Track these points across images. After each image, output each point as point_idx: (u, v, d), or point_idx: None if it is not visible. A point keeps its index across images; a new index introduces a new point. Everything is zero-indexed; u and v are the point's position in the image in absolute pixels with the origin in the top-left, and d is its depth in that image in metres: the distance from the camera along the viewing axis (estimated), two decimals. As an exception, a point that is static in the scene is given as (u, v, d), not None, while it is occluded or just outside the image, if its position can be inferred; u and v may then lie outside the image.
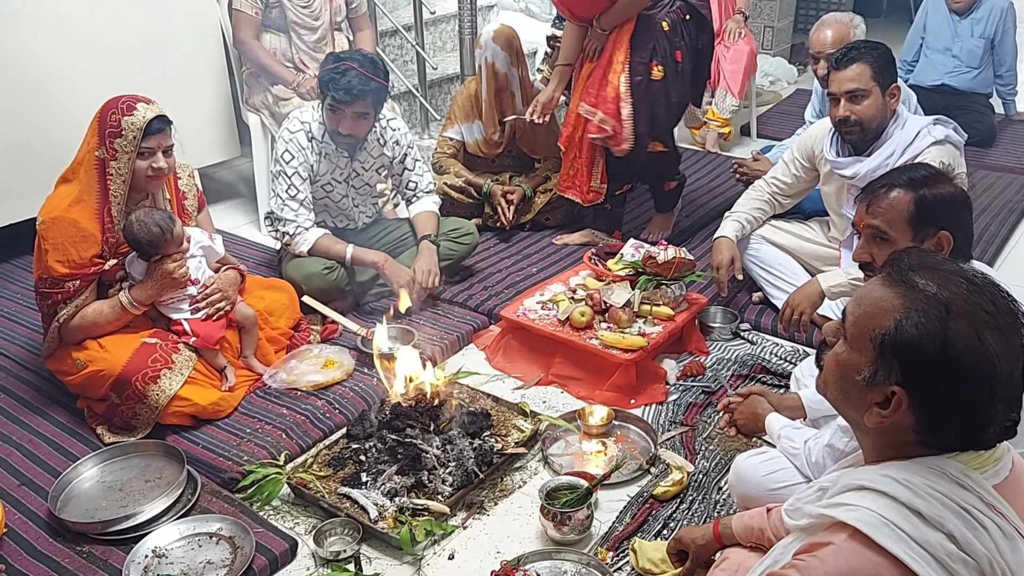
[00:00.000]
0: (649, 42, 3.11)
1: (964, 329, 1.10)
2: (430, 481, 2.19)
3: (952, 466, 1.16)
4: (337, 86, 2.82)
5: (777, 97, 5.79)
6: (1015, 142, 4.80)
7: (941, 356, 1.10)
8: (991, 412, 1.13)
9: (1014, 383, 1.13)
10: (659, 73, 3.14)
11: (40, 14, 3.26)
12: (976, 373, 1.10)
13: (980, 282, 1.15)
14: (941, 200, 1.85)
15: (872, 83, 2.57)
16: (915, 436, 1.17)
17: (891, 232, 1.87)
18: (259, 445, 2.38)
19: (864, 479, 1.18)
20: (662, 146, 3.31)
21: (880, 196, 1.89)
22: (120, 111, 2.38)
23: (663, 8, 3.11)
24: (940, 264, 1.19)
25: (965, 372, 1.10)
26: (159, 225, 2.43)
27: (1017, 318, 1.14)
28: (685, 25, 3.15)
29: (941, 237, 1.85)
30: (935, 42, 4.85)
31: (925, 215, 1.85)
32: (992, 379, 1.11)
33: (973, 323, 1.10)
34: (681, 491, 2.23)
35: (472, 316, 3.09)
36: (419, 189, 3.21)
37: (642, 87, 3.17)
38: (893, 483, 1.14)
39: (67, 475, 2.25)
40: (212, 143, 3.94)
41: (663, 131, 3.29)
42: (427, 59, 4.31)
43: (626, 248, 2.96)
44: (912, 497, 1.12)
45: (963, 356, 1.10)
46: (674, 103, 3.27)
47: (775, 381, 2.71)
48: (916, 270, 1.17)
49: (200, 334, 2.53)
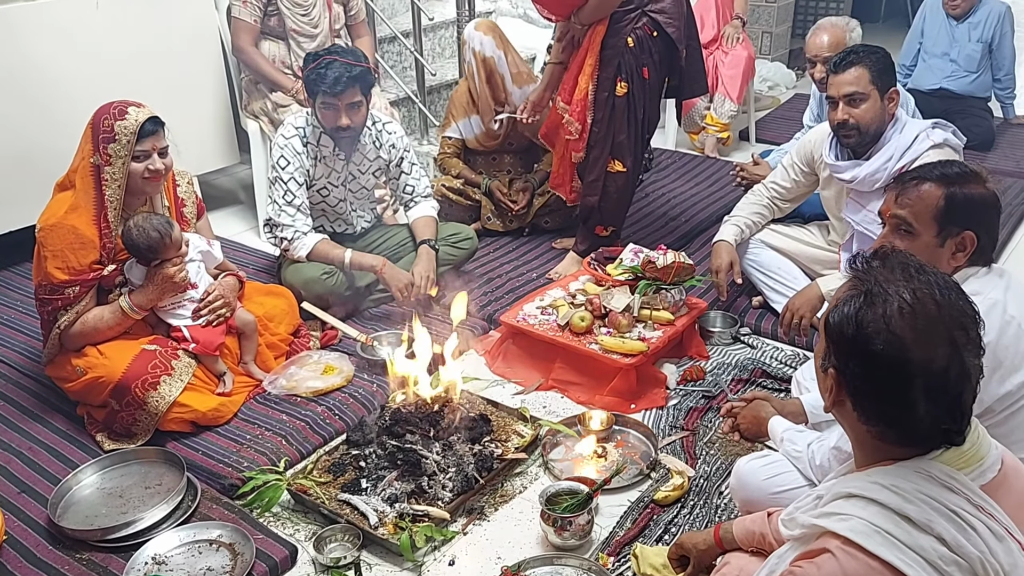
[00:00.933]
0: (614, 58, 3.05)
1: (876, 315, 1.16)
2: (430, 487, 2.18)
3: (938, 468, 1.18)
4: (325, 80, 2.83)
5: (776, 102, 5.80)
6: (1013, 146, 4.80)
7: (854, 337, 1.18)
8: (909, 398, 1.16)
9: (936, 378, 1.15)
10: (622, 89, 3.08)
11: (40, 22, 3.27)
12: (886, 360, 1.15)
13: (927, 278, 1.19)
14: (971, 200, 1.82)
15: (871, 87, 2.57)
16: (862, 427, 1.22)
17: (916, 225, 1.84)
18: (259, 451, 2.38)
19: (853, 487, 1.20)
20: (621, 165, 3.21)
21: (911, 187, 1.86)
22: (112, 116, 2.38)
23: (629, 23, 3.03)
24: (891, 259, 1.24)
25: (875, 356, 1.16)
26: (157, 230, 2.43)
27: (954, 318, 1.17)
28: (653, 42, 3.06)
29: (965, 237, 1.82)
30: (933, 47, 4.85)
31: (952, 213, 1.82)
32: (903, 366, 1.14)
33: (885, 311, 1.16)
34: (682, 496, 2.22)
35: (472, 321, 3.08)
36: (416, 193, 3.22)
37: (607, 103, 3.11)
38: (882, 489, 1.16)
39: (67, 482, 2.25)
40: (211, 150, 3.94)
41: (623, 149, 3.19)
42: (426, 65, 4.32)
43: (625, 253, 2.95)
44: (901, 503, 1.14)
45: (872, 340, 1.16)
46: (640, 120, 3.17)
47: (775, 385, 2.70)
48: (871, 264, 1.24)
49: (200, 340, 2.53)
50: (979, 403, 1.76)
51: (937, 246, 1.84)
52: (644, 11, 3.03)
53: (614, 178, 3.24)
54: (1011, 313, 1.79)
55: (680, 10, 3.08)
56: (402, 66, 4.81)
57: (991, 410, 1.81)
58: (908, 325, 1.15)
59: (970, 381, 1.18)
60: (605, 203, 3.29)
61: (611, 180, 3.24)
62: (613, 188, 3.26)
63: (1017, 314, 1.80)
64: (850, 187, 2.71)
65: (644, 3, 3.03)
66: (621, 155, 3.19)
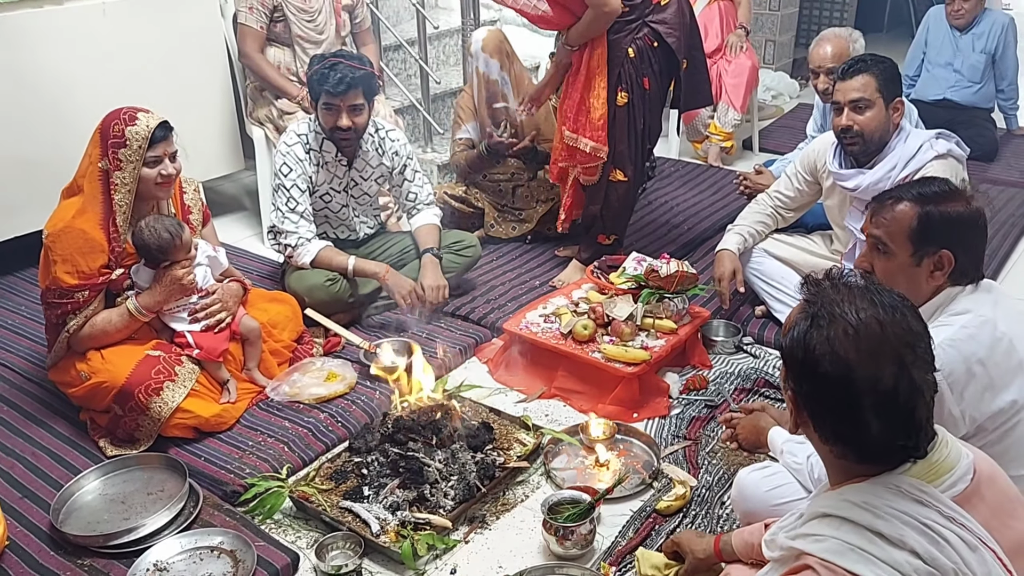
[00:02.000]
0: (615, 68, 3.05)
1: (821, 337, 1.20)
2: (432, 495, 2.18)
3: (907, 483, 1.20)
4: (328, 80, 2.84)
5: (779, 111, 5.81)
6: (1017, 156, 4.81)
7: (803, 360, 1.22)
8: (859, 416, 1.18)
9: (885, 397, 1.17)
10: (623, 99, 3.08)
11: (47, 29, 3.28)
12: (833, 381, 1.18)
13: (875, 300, 1.22)
14: (947, 218, 1.79)
15: (876, 94, 2.59)
16: (823, 447, 1.26)
17: (891, 244, 1.83)
18: (261, 458, 2.38)
19: (826, 506, 1.22)
20: (622, 174, 3.21)
21: (887, 207, 1.86)
22: (123, 122, 2.39)
23: (629, 34, 3.03)
24: (838, 282, 1.27)
25: (823, 375, 1.19)
26: (169, 231, 2.45)
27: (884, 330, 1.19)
28: (653, 52, 3.06)
29: (942, 256, 1.80)
30: (937, 57, 4.86)
31: (927, 232, 1.80)
32: (849, 386, 1.17)
33: (829, 334, 1.19)
34: (684, 506, 2.22)
35: (475, 329, 3.09)
36: (419, 201, 3.22)
37: (608, 113, 3.10)
38: (852, 507, 1.18)
39: (69, 488, 2.25)
40: (217, 156, 3.95)
41: (624, 158, 3.19)
42: (430, 73, 4.33)
43: (629, 261, 2.96)
44: (872, 519, 1.16)
45: (819, 362, 1.19)
46: (640, 130, 3.16)
47: (778, 395, 2.70)
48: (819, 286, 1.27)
49: (203, 346, 2.53)
50: (971, 421, 1.77)
51: (913, 265, 1.81)
52: (644, 21, 3.04)
53: (615, 187, 3.24)
54: (1002, 330, 1.78)
55: (682, 20, 3.08)
56: (406, 74, 4.82)
57: (984, 428, 1.79)
58: (852, 346, 1.18)
59: (923, 397, 1.20)
60: (607, 211, 3.29)
61: (612, 189, 3.24)
62: (615, 197, 3.26)
63: (1007, 330, 1.79)
64: (853, 196, 2.71)
65: (644, 13, 3.03)
66: (622, 164, 3.19)
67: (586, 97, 3.11)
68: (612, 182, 3.23)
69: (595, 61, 3.06)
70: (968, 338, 1.75)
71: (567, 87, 3.19)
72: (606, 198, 3.26)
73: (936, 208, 1.80)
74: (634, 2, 3.01)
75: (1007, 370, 1.78)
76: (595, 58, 3.06)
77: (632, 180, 3.25)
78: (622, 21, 3.03)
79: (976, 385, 1.76)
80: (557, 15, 3.05)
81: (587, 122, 3.12)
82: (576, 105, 3.13)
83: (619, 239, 3.42)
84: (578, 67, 3.12)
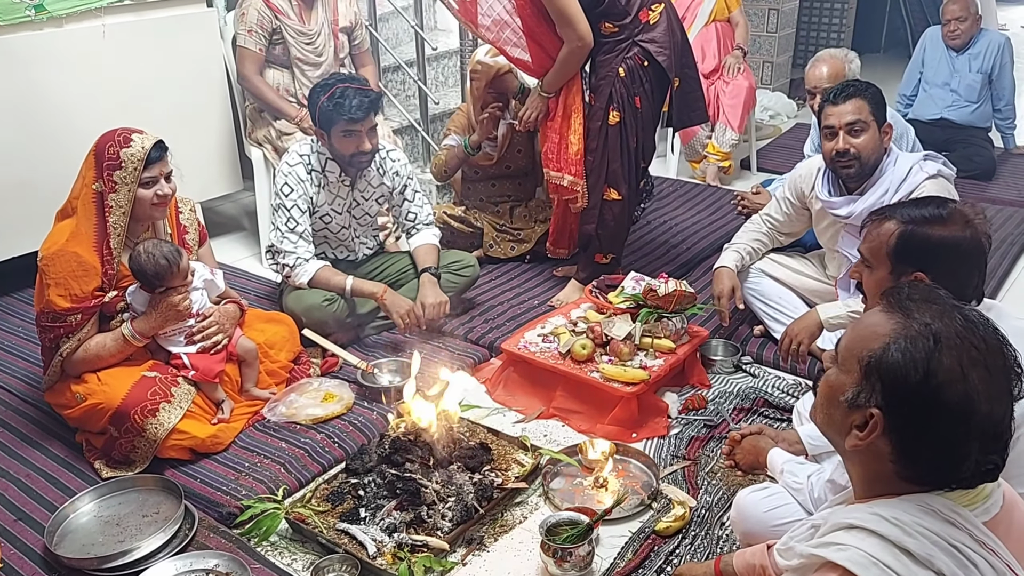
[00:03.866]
0: (606, 87, 3.07)
1: (950, 362, 1.11)
2: (429, 516, 2.16)
3: (941, 503, 1.16)
4: (345, 109, 2.85)
5: (777, 131, 5.83)
6: (1015, 175, 4.82)
7: (923, 384, 1.11)
8: (965, 449, 1.13)
9: (993, 424, 1.12)
10: (615, 118, 3.10)
11: (46, 50, 3.30)
12: (955, 407, 1.10)
13: (976, 319, 1.16)
14: (927, 242, 1.79)
15: (871, 117, 2.59)
16: (891, 466, 1.17)
17: (871, 259, 1.87)
18: (257, 479, 2.36)
19: (854, 518, 1.17)
20: (616, 193, 3.22)
21: (875, 223, 1.89)
22: (117, 143, 2.39)
23: (619, 54, 3.05)
24: (939, 298, 1.20)
25: (944, 404, 1.11)
26: (166, 258, 2.43)
27: (1007, 361, 1.14)
28: (644, 71, 3.08)
29: (916, 277, 1.78)
30: (934, 77, 4.89)
31: (904, 252, 1.81)
32: (970, 415, 1.11)
33: (960, 357, 1.11)
34: (683, 526, 2.20)
35: (473, 349, 3.08)
36: (419, 221, 3.23)
37: (601, 132, 3.13)
38: (882, 521, 1.14)
39: (64, 510, 2.23)
40: (216, 177, 3.97)
41: (617, 177, 3.20)
42: (429, 94, 4.35)
43: (627, 281, 2.95)
44: (902, 536, 1.12)
45: (944, 388, 1.10)
46: (633, 148, 3.18)
47: (777, 415, 2.69)
48: (914, 300, 1.19)
49: (199, 368, 2.53)
50: None
51: (891, 283, 1.80)
52: (634, 41, 3.05)
53: (610, 206, 3.25)
54: None
55: (672, 39, 3.09)
56: (405, 95, 4.84)
57: None
58: (982, 377, 1.11)
59: (1011, 423, 1.16)
60: (603, 230, 3.30)
61: (607, 208, 3.25)
62: (610, 216, 3.27)
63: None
64: (847, 223, 2.71)
65: (634, 33, 3.05)
66: (616, 183, 3.21)
67: (565, 135, 3.16)
68: (606, 201, 3.24)
69: (571, 99, 3.10)
70: None
71: (545, 131, 3.24)
72: (601, 217, 3.27)
73: (918, 229, 1.81)
74: (623, 22, 3.03)
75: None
76: (571, 96, 3.10)
77: (626, 199, 3.25)
78: (612, 41, 3.05)
79: None
80: (536, 58, 3.10)
81: (566, 157, 3.17)
82: (556, 146, 3.19)
83: (616, 258, 3.42)
84: (555, 112, 3.17)
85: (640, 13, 3.05)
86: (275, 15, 3.63)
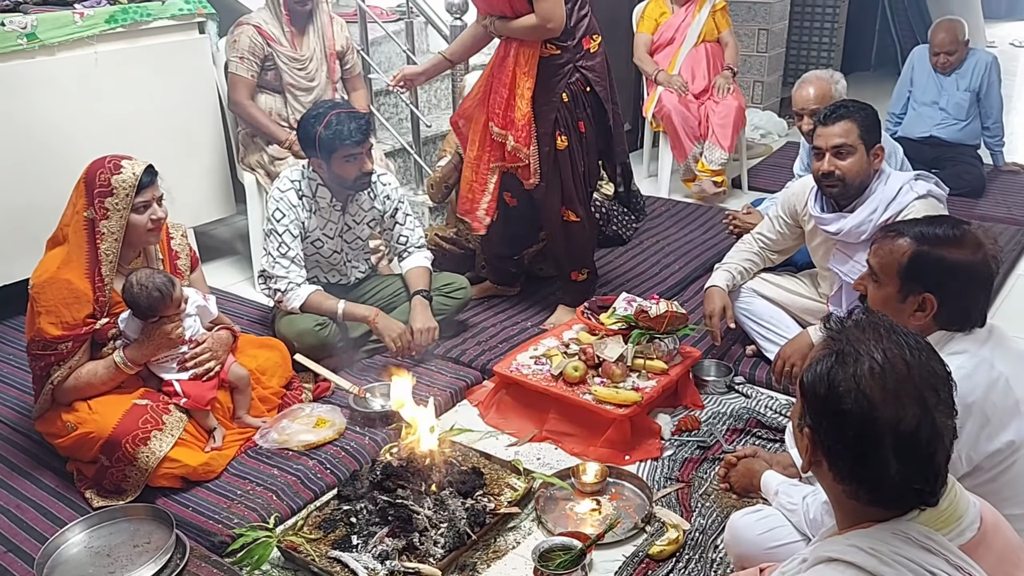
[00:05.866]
0: (550, 113, 3.08)
1: (846, 374, 1.18)
2: (421, 543, 2.15)
3: (916, 529, 1.18)
4: (346, 135, 2.87)
5: (768, 150, 5.86)
6: (1004, 192, 4.84)
7: (826, 397, 1.20)
8: (879, 459, 1.16)
9: (906, 439, 1.16)
10: (563, 143, 3.11)
11: (38, 77, 3.31)
12: (856, 419, 1.17)
13: (899, 340, 1.21)
14: (940, 263, 1.78)
15: (859, 141, 2.60)
16: (838, 487, 1.23)
17: (881, 275, 1.85)
18: (249, 507, 2.35)
19: (833, 551, 1.19)
20: (575, 215, 3.25)
21: (887, 238, 1.87)
22: (108, 170, 2.40)
23: (562, 78, 3.05)
24: (870, 323, 1.25)
25: (845, 412, 1.18)
26: (159, 289, 2.43)
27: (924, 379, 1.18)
28: (586, 96, 3.10)
29: (925, 298, 1.79)
30: (922, 95, 4.92)
31: (915, 271, 1.80)
32: (871, 424, 1.16)
33: (855, 372, 1.18)
34: (677, 550, 2.19)
35: (465, 371, 3.08)
36: (410, 244, 3.23)
37: (550, 157, 3.13)
38: (859, 552, 1.16)
39: (54, 541, 2.21)
40: (208, 202, 3.97)
41: (573, 200, 3.22)
42: (421, 117, 4.36)
43: (618, 302, 2.96)
44: (879, 565, 1.14)
45: (842, 399, 1.18)
46: (582, 172, 3.20)
47: (770, 435, 2.68)
48: (844, 325, 1.26)
49: (191, 395, 2.52)
50: (968, 461, 1.76)
51: (899, 301, 1.83)
52: (575, 66, 3.07)
53: (571, 227, 3.29)
54: (999, 369, 1.77)
55: (607, 72, 3.15)
56: (398, 118, 4.86)
57: (980, 468, 1.78)
58: (878, 385, 1.17)
59: (943, 442, 1.18)
60: (570, 250, 3.36)
61: (569, 229, 3.30)
62: (573, 237, 3.32)
63: (1005, 370, 1.78)
64: (836, 239, 2.72)
65: (575, 57, 3.06)
66: (572, 206, 3.25)
67: (512, 95, 3.11)
68: (567, 223, 3.28)
69: (523, 60, 3.05)
70: (964, 378, 1.73)
71: (493, 81, 3.15)
72: (567, 239, 3.32)
73: (931, 250, 1.79)
74: (566, 44, 3.03)
75: (1004, 410, 1.77)
76: (523, 57, 3.05)
77: (584, 219, 3.30)
78: (555, 64, 3.04)
79: (973, 425, 1.74)
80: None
81: (511, 117, 3.12)
82: (504, 102, 3.12)
83: (592, 272, 3.46)
84: (502, 61, 3.09)
85: (584, 39, 3.07)
86: (267, 42, 3.65)
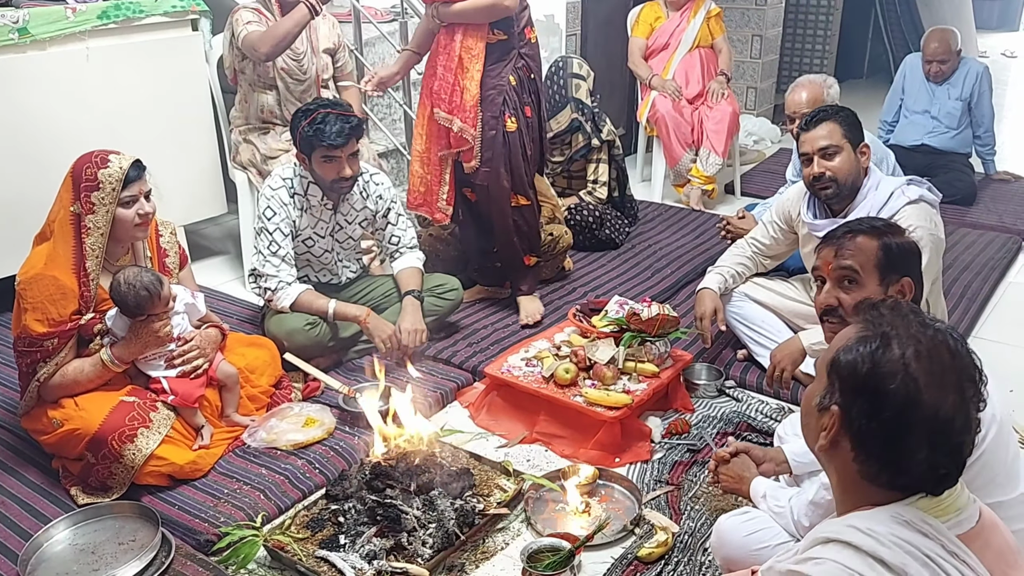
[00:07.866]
0: (498, 95, 3.14)
1: (893, 356, 1.17)
2: (410, 543, 2.14)
3: (913, 514, 1.18)
4: (326, 135, 2.84)
5: (761, 156, 5.87)
6: (995, 200, 4.86)
7: (868, 375, 1.18)
8: (913, 443, 1.16)
9: (940, 422, 1.16)
10: (512, 125, 3.17)
11: (29, 73, 3.29)
12: (898, 395, 1.16)
13: (940, 327, 1.22)
14: (903, 248, 1.93)
15: (843, 140, 2.64)
16: (853, 466, 1.22)
17: (862, 274, 1.93)
18: (236, 506, 2.33)
19: (830, 531, 1.20)
20: (524, 199, 3.31)
21: (848, 240, 1.96)
22: (95, 165, 2.38)
23: (508, 62, 3.13)
24: (908, 310, 1.26)
25: (888, 392, 1.16)
26: (147, 288, 2.41)
27: (957, 361, 1.18)
28: (530, 82, 3.20)
29: (904, 283, 1.91)
30: (914, 104, 4.95)
31: (890, 260, 1.92)
32: (913, 405, 1.15)
33: (903, 352, 1.17)
34: (666, 552, 2.18)
35: (456, 373, 3.07)
36: (402, 244, 3.22)
37: (498, 139, 3.17)
38: (856, 533, 1.16)
39: (38, 538, 2.19)
40: (200, 200, 3.95)
41: (523, 184, 3.28)
42: (413, 117, 4.36)
43: (610, 305, 2.95)
44: (876, 546, 1.14)
45: (887, 379, 1.16)
46: (530, 155, 3.28)
47: (760, 439, 2.68)
48: (880, 311, 1.25)
49: (179, 393, 2.50)
50: None
51: (881, 295, 1.89)
52: (520, 52, 3.16)
53: (521, 211, 3.34)
54: None
55: (540, 66, 3.25)
56: (391, 118, 4.85)
57: None
58: (924, 369, 1.16)
59: (971, 433, 1.19)
60: (520, 235, 3.39)
61: (519, 214, 3.34)
62: (523, 221, 3.37)
63: None
64: None
65: (519, 44, 3.16)
66: (522, 190, 3.30)
67: (460, 79, 3.15)
68: (516, 207, 3.32)
69: (470, 43, 3.10)
70: None
71: (437, 67, 3.19)
72: (516, 225, 3.36)
73: (892, 239, 1.94)
74: (511, 31, 3.12)
75: None
76: (470, 41, 3.10)
77: (534, 202, 3.36)
78: (502, 47, 3.13)
79: None
80: None
81: (460, 103, 3.16)
82: (450, 87, 3.16)
83: (539, 256, 3.54)
84: (448, 48, 3.14)
85: (526, 28, 3.18)
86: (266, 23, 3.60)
